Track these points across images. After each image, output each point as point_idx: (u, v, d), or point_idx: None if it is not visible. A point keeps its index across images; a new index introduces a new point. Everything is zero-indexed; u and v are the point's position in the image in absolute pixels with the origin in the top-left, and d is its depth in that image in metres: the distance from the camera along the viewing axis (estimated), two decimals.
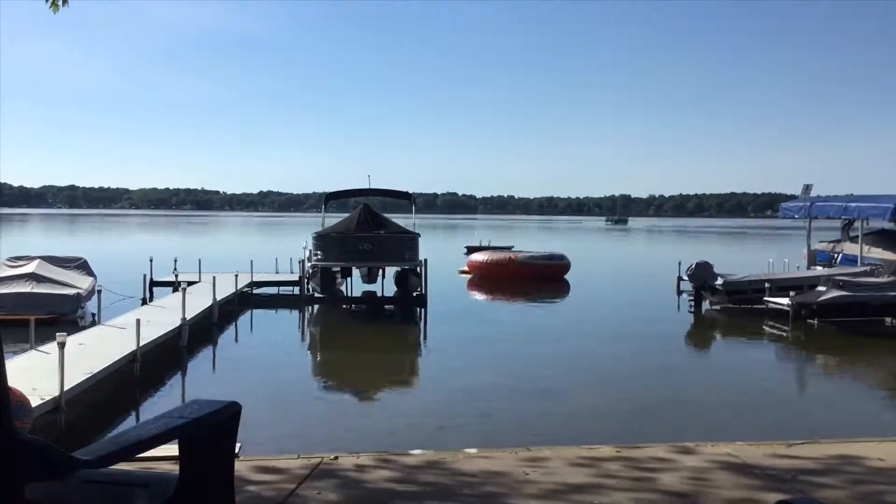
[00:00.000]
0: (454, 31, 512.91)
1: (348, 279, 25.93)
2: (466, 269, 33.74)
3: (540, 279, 30.37)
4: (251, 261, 24.80)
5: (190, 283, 19.32)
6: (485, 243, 52.10)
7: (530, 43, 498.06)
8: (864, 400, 12.41)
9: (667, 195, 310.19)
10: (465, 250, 51.72)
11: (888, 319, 18.93)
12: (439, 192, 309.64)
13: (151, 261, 23.56)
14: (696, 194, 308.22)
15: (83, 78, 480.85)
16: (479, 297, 27.68)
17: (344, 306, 23.40)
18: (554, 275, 31.52)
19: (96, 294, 17.22)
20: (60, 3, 6.61)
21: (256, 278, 24.46)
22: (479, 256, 34.10)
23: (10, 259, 20.50)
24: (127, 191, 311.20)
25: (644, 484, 4.85)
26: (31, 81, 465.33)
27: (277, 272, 27.45)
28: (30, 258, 20.38)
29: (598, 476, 4.99)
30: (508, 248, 37.76)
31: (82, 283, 20.05)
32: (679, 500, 4.53)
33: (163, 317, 15.29)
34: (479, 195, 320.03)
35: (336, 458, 5.45)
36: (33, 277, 18.79)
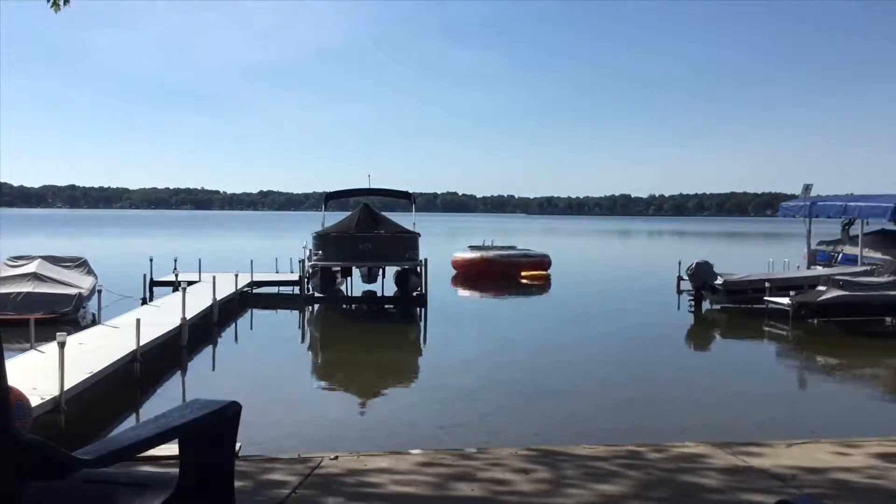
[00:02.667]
0: (454, 31, 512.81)
1: (348, 279, 25.93)
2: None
3: (518, 276, 30.41)
4: (251, 261, 24.82)
5: (190, 283, 19.34)
6: (488, 242, 52.05)
7: (530, 43, 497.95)
8: (864, 399, 12.40)
9: (667, 195, 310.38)
10: (467, 249, 51.74)
11: (888, 319, 18.92)
12: (439, 192, 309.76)
13: (151, 260, 23.57)
14: (695, 194, 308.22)
15: (84, 78, 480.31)
16: (477, 296, 27.67)
17: (344, 306, 23.40)
18: (534, 271, 31.53)
19: (96, 294, 17.24)
20: (62, 2, 6.61)
21: (256, 278, 24.49)
22: (462, 255, 33.94)
23: (10, 259, 20.51)
24: (127, 191, 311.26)
25: (644, 483, 4.85)
26: (31, 80, 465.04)
27: (277, 272, 27.48)
28: (30, 258, 20.40)
29: (599, 475, 4.99)
30: (511, 248, 37.60)
31: (83, 282, 20.06)
32: (678, 500, 4.53)
33: (163, 317, 15.29)
34: (479, 195, 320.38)
35: (336, 457, 5.45)
36: (34, 277, 18.82)
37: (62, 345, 9.09)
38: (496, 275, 31.37)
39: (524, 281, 31.11)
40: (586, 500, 4.49)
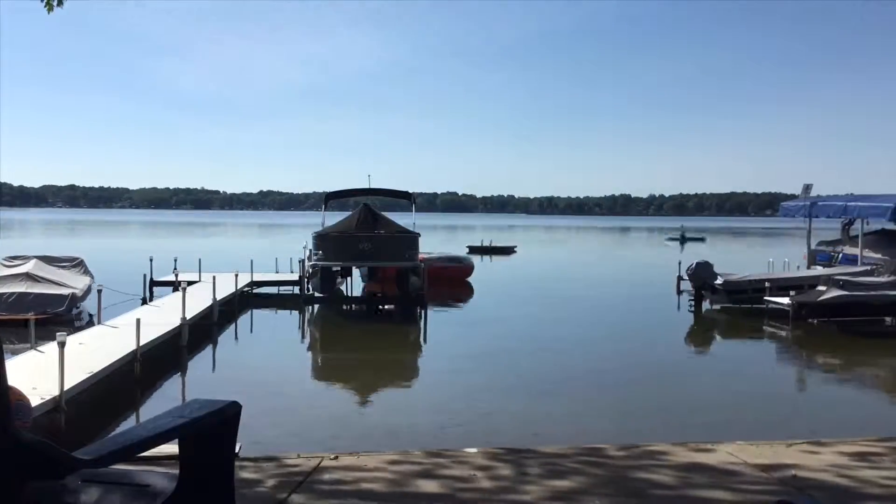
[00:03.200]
0: (454, 30, 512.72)
1: (348, 279, 25.92)
2: None
3: (442, 281, 29.50)
4: (251, 260, 24.82)
5: (190, 283, 19.33)
6: (486, 243, 52.09)
7: (530, 43, 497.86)
8: (864, 399, 12.41)
9: (667, 195, 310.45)
10: (467, 250, 51.73)
11: (888, 319, 18.93)
12: (439, 192, 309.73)
13: (151, 260, 23.56)
14: (696, 194, 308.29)
15: (84, 76, 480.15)
16: (476, 295, 27.65)
17: (344, 306, 23.40)
18: (454, 277, 30.16)
19: (96, 294, 17.22)
20: (55, 3, 6.61)
21: (256, 278, 24.48)
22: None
23: (6, 258, 20.52)
24: (127, 190, 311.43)
25: (644, 483, 4.85)
26: (31, 81, 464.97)
27: (277, 272, 27.48)
28: (26, 258, 20.40)
29: (599, 475, 4.99)
30: (513, 248, 37.53)
31: (78, 282, 20.05)
32: (678, 499, 4.53)
33: (163, 316, 15.29)
34: (479, 195, 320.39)
35: (336, 457, 5.45)
36: (28, 277, 18.79)
37: (62, 345, 9.08)
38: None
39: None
40: (588, 499, 4.49)
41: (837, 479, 4.98)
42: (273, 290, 24.93)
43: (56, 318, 17.54)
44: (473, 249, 51.55)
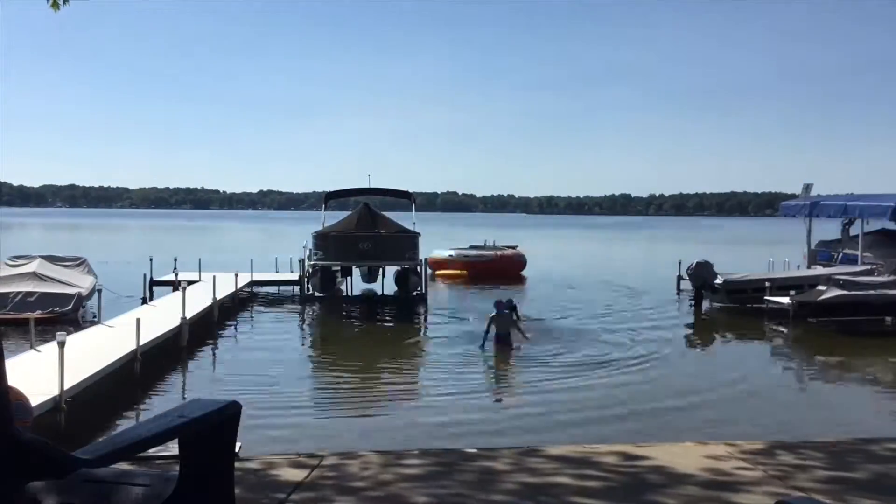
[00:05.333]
0: (454, 30, 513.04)
1: (348, 278, 25.93)
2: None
3: (494, 274, 29.86)
4: (251, 260, 24.82)
5: (190, 283, 19.32)
6: (489, 242, 52.01)
7: (530, 43, 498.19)
8: (864, 399, 12.41)
9: (667, 195, 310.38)
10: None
11: (888, 319, 18.92)
12: (439, 192, 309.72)
13: (151, 260, 23.57)
14: (696, 193, 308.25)
15: (85, 75, 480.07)
16: (476, 296, 27.65)
17: (344, 306, 23.40)
18: (507, 269, 31.05)
19: (97, 293, 17.24)
20: (61, 1, 6.60)
21: (256, 278, 24.50)
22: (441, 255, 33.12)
23: (10, 258, 20.54)
24: (127, 190, 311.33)
25: (643, 482, 4.85)
26: (32, 78, 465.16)
27: (277, 271, 27.49)
28: (31, 257, 20.41)
29: (599, 475, 4.99)
30: (514, 248, 37.38)
31: (83, 282, 20.07)
32: (678, 499, 4.53)
33: (163, 316, 15.28)
34: (479, 195, 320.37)
35: (336, 457, 5.46)
36: (34, 276, 18.84)
37: (62, 344, 9.09)
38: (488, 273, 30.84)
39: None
40: (588, 498, 4.49)
41: (837, 479, 4.98)
42: (273, 289, 24.93)
43: (63, 317, 17.59)
44: (475, 249, 51.47)
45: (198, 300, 17.39)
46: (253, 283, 23.98)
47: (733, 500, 4.52)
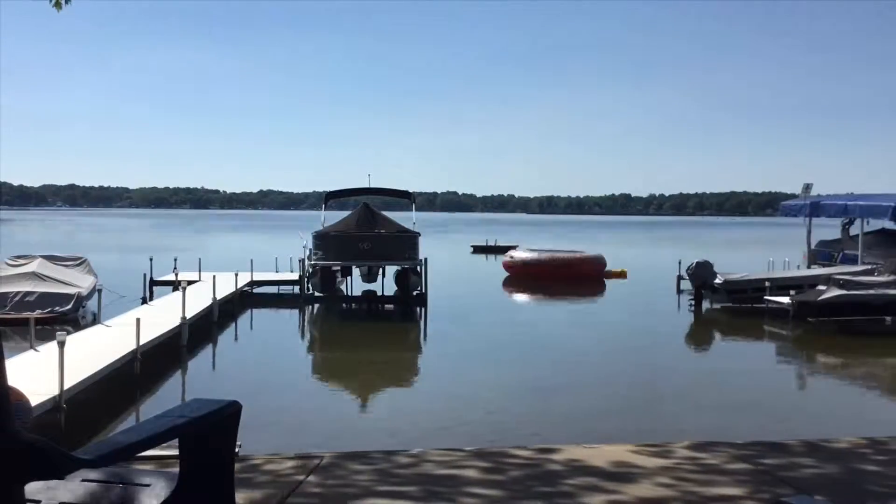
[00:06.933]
0: (454, 31, 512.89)
1: (348, 278, 25.93)
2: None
3: (570, 278, 29.47)
4: (251, 260, 24.83)
5: (190, 283, 19.34)
6: (490, 242, 52.09)
7: (530, 43, 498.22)
8: (863, 399, 12.42)
9: (667, 195, 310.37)
10: (472, 249, 51.71)
11: (888, 318, 18.92)
12: (439, 191, 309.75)
13: (151, 260, 23.57)
14: (696, 193, 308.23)
15: (85, 75, 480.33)
16: (477, 295, 27.68)
17: (344, 306, 23.41)
18: (586, 274, 30.65)
19: (97, 293, 17.25)
20: (63, 0, 6.60)
21: (256, 277, 24.51)
22: (518, 255, 32.75)
23: (11, 258, 20.54)
24: (127, 190, 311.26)
25: (643, 482, 4.85)
26: (32, 79, 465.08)
27: (277, 271, 27.50)
28: (31, 257, 20.42)
29: (599, 474, 4.99)
30: (514, 248, 37.36)
31: (83, 282, 20.07)
32: (678, 499, 4.53)
33: (163, 316, 15.28)
34: (479, 194, 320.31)
35: (336, 457, 5.46)
36: (34, 276, 18.84)
37: (62, 344, 9.09)
38: (553, 276, 30.40)
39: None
40: (588, 498, 4.49)
41: (837, 479, 4.99)
42: (273, 289, 24.94)
43: (63, 316, 17.60)
44: (477, 249, 51.54)
45: (198, 300, 17.40)
46: (253, 283, 23.99)
47: (733, 500, 4.52)
